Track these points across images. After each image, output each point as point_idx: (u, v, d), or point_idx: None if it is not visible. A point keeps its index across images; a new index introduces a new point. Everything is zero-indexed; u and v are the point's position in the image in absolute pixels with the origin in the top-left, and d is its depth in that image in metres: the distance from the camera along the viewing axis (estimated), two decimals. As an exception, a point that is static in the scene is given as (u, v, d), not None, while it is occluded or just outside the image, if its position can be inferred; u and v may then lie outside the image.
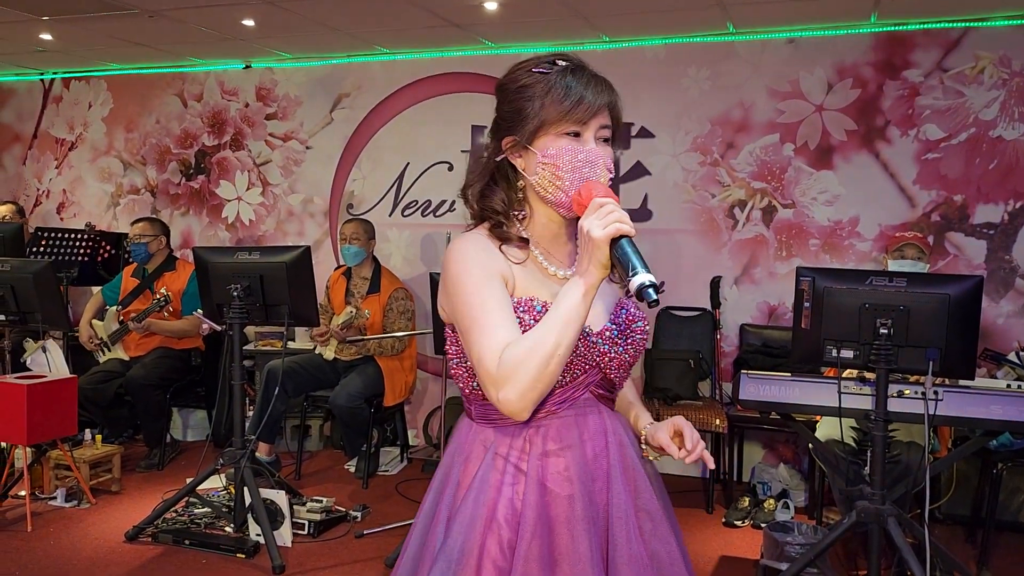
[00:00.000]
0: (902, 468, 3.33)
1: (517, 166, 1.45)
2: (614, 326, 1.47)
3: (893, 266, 3.74)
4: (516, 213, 1.46)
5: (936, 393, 2.92)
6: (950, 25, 4.29)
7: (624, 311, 1.50)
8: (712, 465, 1.55)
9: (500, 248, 1.44)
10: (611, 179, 1.42)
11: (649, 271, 1.22)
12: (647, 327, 1.52)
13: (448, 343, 1.50)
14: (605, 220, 1.26)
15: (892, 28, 4.39)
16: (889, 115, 4.43)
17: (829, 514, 3.97)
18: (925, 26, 4.33)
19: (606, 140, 1.43)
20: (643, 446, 1.51)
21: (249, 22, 4.61)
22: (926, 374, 2.84)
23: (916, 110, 4.38)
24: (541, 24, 4.53)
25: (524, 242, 1.45)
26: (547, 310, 1.34)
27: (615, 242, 1.26)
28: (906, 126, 4.40)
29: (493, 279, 1.38)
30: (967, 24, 4.27)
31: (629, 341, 1.48)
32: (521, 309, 1.38)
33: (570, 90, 1.38)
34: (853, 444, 3.48)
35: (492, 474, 1.41)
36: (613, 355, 1.45)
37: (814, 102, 4.55)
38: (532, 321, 1.36)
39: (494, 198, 1.47)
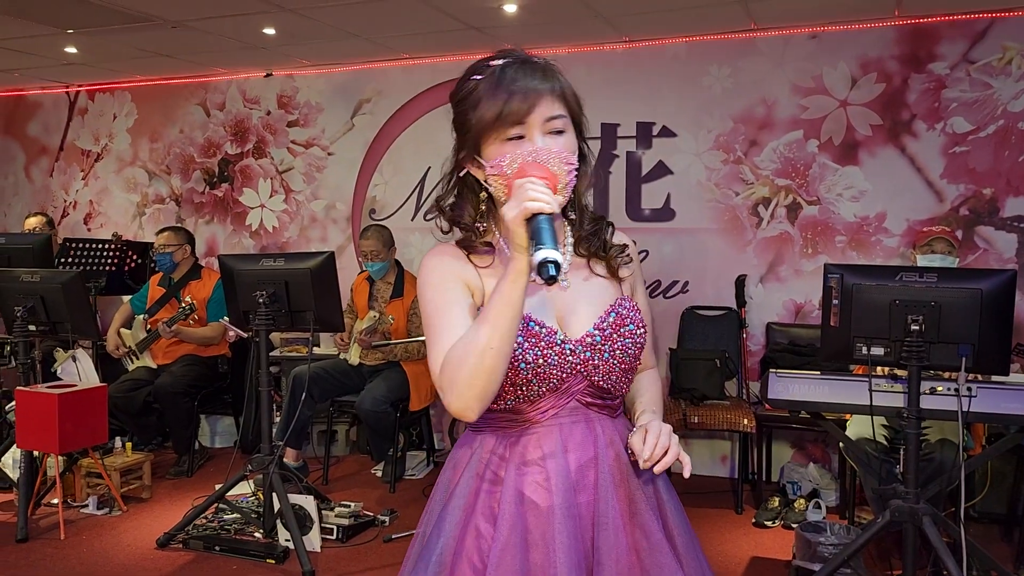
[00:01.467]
0: (935, 466, 3.28)
1: (478, 177, 1.39)
2: (597, 332, 1.39)
3: (922, 261, 3.69)
4: (482, 225, 1.41)
5: (970, 390, 2.87)
6: (976, 16, 4.23)
7: (614, 314, 1.41)
8: (688, 474, 1.36)
9: (468, 257, 1.41)
10: (574, 169, 1.32)
11: (556, 248, 1.16)
12: (641, 330, 1.43)
13: None
14: (518, 199, 1.19)
15: (916, 20, 4.33)
16: (915, 109, 4.38)
17: (861, 513, 3.92)
18: (950, 17, 4.27)
19: (558, 132, 1.32)
20: (628, 450, 1.40)
21: (270, 30, 4.65)
22: (959, 371, 2.80)
23: (942, 103, 4.32)
24: (561, 25, 4.52)
25: (488, 246, 1.41)
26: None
27: (531, 221, 1.19)
28: (932, 119, 4.35)
29: (451, 283, 1.37)
30: (993, 15, 4.21)
31: (617, 346, 1.39)
32: None
33: (498, 90, 1.30)
34: (885, 443, 3.44)
35: (473, 480, 1.39)
36: (597, 362, 1.38)
37: (838, 97, 4.50)
38: None
39: (463, 212, 1.43)
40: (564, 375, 1.37)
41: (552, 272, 1.14)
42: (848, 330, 2.95)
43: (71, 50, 5.16)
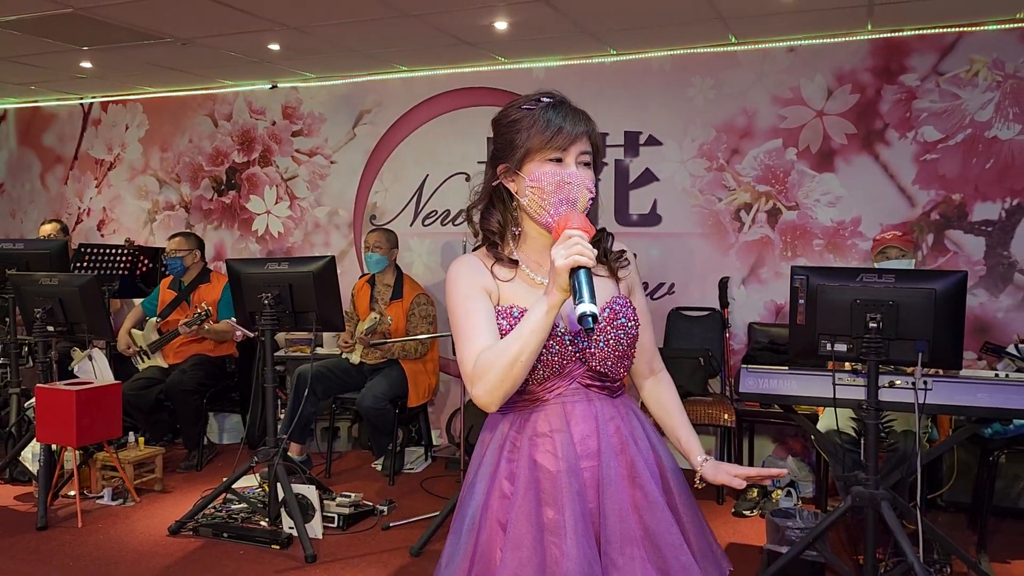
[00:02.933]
0: (899, 456, 3.49)
1: (511, 189, 1.67)
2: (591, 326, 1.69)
3: (881, 267, 3.90)
4: (512, 231, 1.70)
5: (925, 383, 3.08)
6: (944, 30, 4.45)
7: (608, 310, 1.67)
8: (783, 472, 1.73)
9: (491, 268, 1.68)
10: (592, 198, 1.62)
11: (593, 302, 1.41)
12: (633, 324, 1.69)
13: None
14: (568, 251, 1.44)
15: (888, 34, 4.55)
16: (887, 118, 4.59)
17: (833, 502, 4.13)
18: (920, 31, 4.49)
19: (587, 164, 1.64)
20: (697, 481, 1.71)
21: (275, 46, 4.89)
22: (915, 365, 3.00)
23: (913, 113, 4.54)
24: (550, 41, 4.75)
25: (513, 263, 1.69)
26: (523, 316, 1.58)
27: (575, 271, 1.44)
28: (904, 128, 4.56)
29: (477, 294, 1.64)
30: (961, 29, 4.42)
31: (610, 336, 1.66)
32: (501, 316, 1.64)
33: (551, 122, 1.61)
34: (852, 434, 3.65)
35: (496, 451, 1.69)
36: (594, 350, 1.65)
37: (815, 108, 4.72)
38: (509, 325, 1.61)
39: (491, 219, 1.72)
40: (564, 361, 1.65)
41: (591, 324, 1.41)
42: (814, 328, 3.15)
43: (86, 65, 5.41)
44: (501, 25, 4.38)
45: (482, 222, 1.74)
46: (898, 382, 3.17)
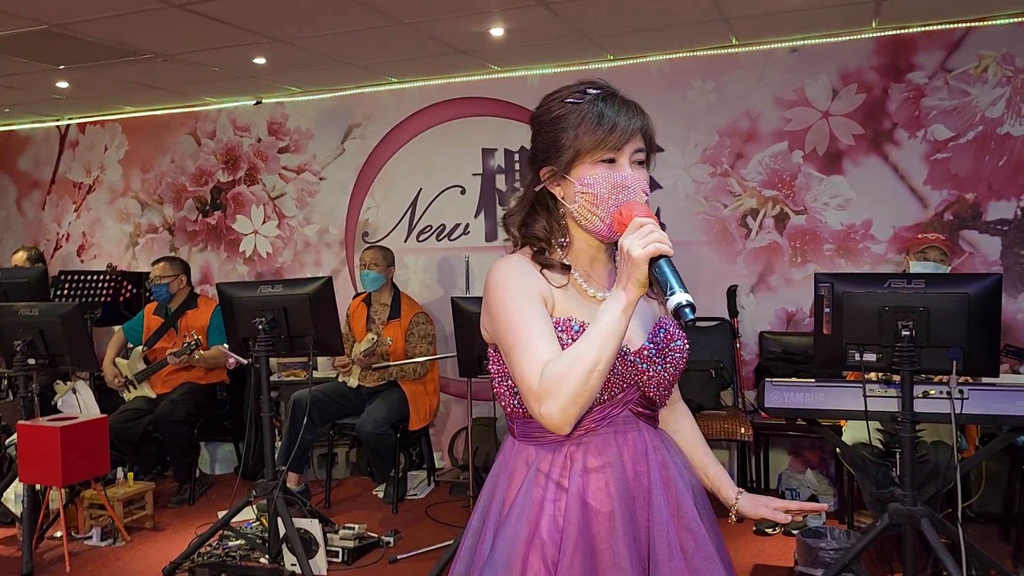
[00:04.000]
0: (931, 468, 3.34)
1: (556, 195, 1.49)
2: (652, 345, 1.50)
3: (915, 267, 3.76)
4: (558, 240, 1.51)
5: (961, 392, 2.94)
6: (952, 26, 4.34)
7: (663, 331, 1.52)
8: (825, 507, 1.64)
9: (541, 271, 1.48)
10: (647, 200, 1.45)
11: (686, 291, 1.26)
12: (687, 346, 1.54)
13: (491, 363, 1.55)
14: (645, 239, 1.28)
15: (894, 31, 4.43)
16: (896, 117, 4.47)
17: (860, 517, 3.98)
18: (927, 28, 4.38)
19: (641, 163, 1.47)
20: (732, 516, 1.60)
21: (260, 60, 4.71)
22: (950, 374, 2.86)
23: (922, 111, 4.42)
24: (546, 46, 4.60)
25: (566, 268, 1.49)
26: (584, 330, 1.38)
27: (654, 262, 1.28)
28: (913, 128, 4.44)
29: (533, 298, 1.43)
30: (968, 24, 4.31)
31: (668, 360, 1.50)
32: (559, 329, 1.42)
33: (603, 118, 1.42)
34: (880, 446, 3.50)
35: (535, 490, 1.45)
36: (652, 374, 1.48)
37: (820, 109, 4.60)
38: (570, 340, 1.40)
39: (536, 226, 1.52)
40: (624, 384, 1.46)
41: (690, 316, 1.24)
42: (840, 337, 3.00)
43: (62, 84, 5.21)
44: (497, 32, 4.23)
45: (524, 229, 1.53)
46: (932, 392, 3.03)
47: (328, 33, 4.21)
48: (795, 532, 3.62)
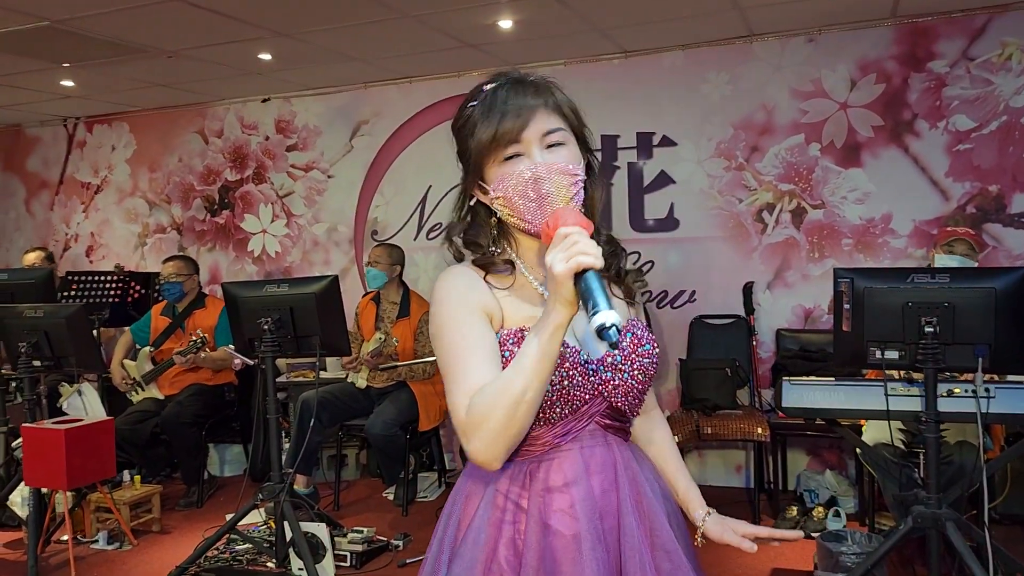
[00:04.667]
0: (955, 469, 3.23)
1: (487, 203, 1.37)
2: (618, 352, 1.38)
3: (942, 261, 3.65)
4: (496, 249, 1.39)
5: (987, 390, 2.83)
6: (973, 13, 4.21)
7: (629, 335, 1.40)
8: (799, 535, 1.53)
9: (485, 278, 1.36)
10: (579, 179, 1.30)
11: (612, 308, 1.11)
12: (657, 350, 1.42)
13: None
14: (567, 253, 1.14)
15: (914, 20, 4.31)
16: (916, 108, 4.35)
17: (881, 519, 3.86)
18: (948, 15, 4.25)
19: (558, 144, 1.30)
20: (699, 538, 1.47)
21: (266, 56, 4.65)
22: (976, 372, 2.75)
23: (944, 101, 4.30)
24: (557, 40, 4.51)
25: (509, 265, 1.38)
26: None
27: (580, 275, 1.15)
28: (934, 118, 4.32)
29: (473, 315, 1.31)
30: (991, 10, 4.18)
31: (636, 367, 1.38)
32: (511, 341, 1.31)
33: (491, 112, 1.29)
34: (902, 447, 3.39)
35: (492, 512, 1.34)
36: (617, 382, 1.36)
37: (838, 100, 4.48)
38: None
39: (477, 233, 1.40)
40: (587, 396, 1.34)
41: (615, 337, 1.10)
42: (861, 334, 2.90)
43: (67, 83, 5.16)
44: (506, 24, 4.14)
45: (466, 237, 1.40)
46: (957, 390, 2.92)
47: (332, 27, 4.13)
48: (815, 535, 3.52)
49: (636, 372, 1.38)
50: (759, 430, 4.11)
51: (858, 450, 3.52)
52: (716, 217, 4.73)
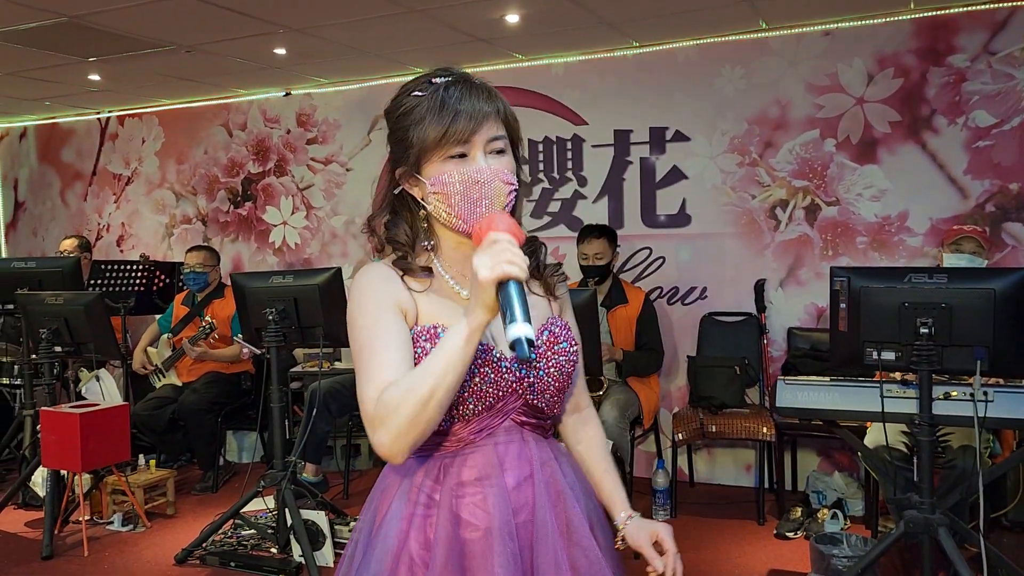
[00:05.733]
0: (957, 474, 3.16)
1: (415, 195, 1.37)
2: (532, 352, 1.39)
3: (949, 260, 3.57)
4: (423, 244, 1.40)
5: (986, 394, 2.76)
6: (995, 5, 4.09)
7: (547, 332, 1.41)
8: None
9: (403, 278, 1.38)
10: (514, 189, 1.33)
11: (528, 322, 1.13)
12: (575, 348, 1.43)
13: None
14: (495, 260, 1.15)
15: (933, 12, 4.20)
16: (935, 103, 4.24)
17: (885, 523, 3.79)
18: (968, 8, 4.14)
19: (500, 151, 1.34)
20: (619, 541, 1.45)
21: (281, 51, 4.71)
22: (974, 374, 2.69)
23: (963, 96, 4.18)
24: (566, 33, 4.49)
25: (427, 271, 1.39)
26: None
27: (503, 285, 1.16)
28: (953, 114, 4.21)
29: (387, 312, 1.33)
30: (1014, 3, 4.06)
31: (551, 364, 1.39)
32: (423, 338, 1.33)
33: (444, 108, 1.30)
34: (905, 450, 3.33)
35: (405, 506, 1.36)
36: (532, 380, 1.37)
37: (854, 95, 4.39)
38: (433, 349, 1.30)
39: (398, 230, 1.41)
40: (500, 393, 1.35)
41: (527, 353, 1.12)
42: (857, 335, 2.86)
43: (95, 77, 5.30)
44: (513, 18, 4.13)
45: (387, 233, 1.41)
46: (954, 393, 2.85)
47: (343, 22, 4.18)
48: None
49: (552, 369, 1.39)
50: (764, 430, 4.07)
51: (859, 453, 3.46)
52: (729, 213, 4.67)
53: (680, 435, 4.18)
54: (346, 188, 5.71)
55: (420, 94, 1.33)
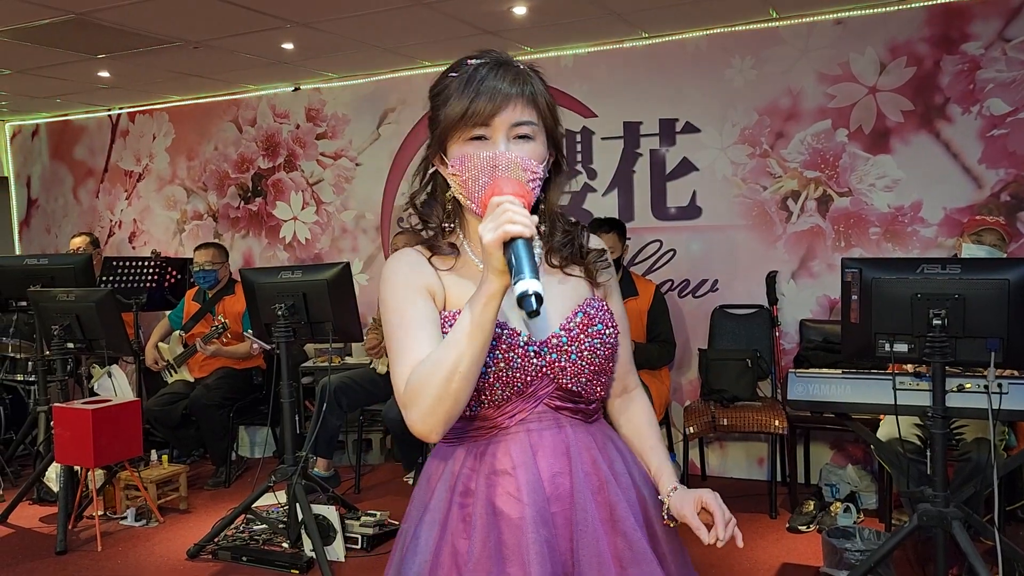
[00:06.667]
0: (972, 467, 3.12)
1: (443, 174, 1.36)
2: (563, 332, 1.36)
3: (969, 250, 3.52)
4: (448, 225, 1.40)
5: (1000, 386, 2.72)
6: (1010, -9, 4.03)
7: (581, 314, 1.38)
8: (741, 544, 1.33)
9: (430, 260, 1.38)
10: (538, 179, 1.30)
11: (536, 277, 1.11)
12: (610, 330, 1.40)
13: None
14: (496, 222, 1.14)
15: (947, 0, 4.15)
16: (948, 92, 4.19)
17: (899, 516, 3.76)
18: (983, -5, 4.08)
19: (524, 137, 1.30)
20: (664, 515, 1.39)
21: (288, 45, 4.71)
22: (987, 366, 2.65)
23: (978, 85, 4.12)
24: (574, 25, 4.46)
25: (452, 248, 1.39)
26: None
27: (510, 245, 1.14)
28: (968, 102, 4.15)
29: (416, 296, 1.34)
30: (1029, -11, 4.00)
31: (584, 347, 1.36)
32: (450, 323, 1.32)
33: (468, 88, 1.28)
34: (918, 443, 3.29)
35: (446, 493, 1.36)
36: (564, 363, 1.35)
37: (866, 84, 4.34)
38: None
39: (431, 212, 1.41)
40: (529, 378, 1.34)
41: (534, 306, 1.10)
42: (869, 326, 2.83)
43: (104, 74, 5.31)
44: (520, 10, 4.11)
45: (422, 211, 1.42)
46: (968, 385, 2.82)
47: (349, 16, 4.16)
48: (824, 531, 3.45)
49: (584, 352, 1.36)
50: (776, 423, 4.04)
51: (871, 446, 3.43)
52: (740, 205, 4.63)
53: (691, 428, 4.15)
54: (356, 183, 5.70)
55: (454, 74, 1.32)
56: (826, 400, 3.01)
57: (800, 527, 3.85)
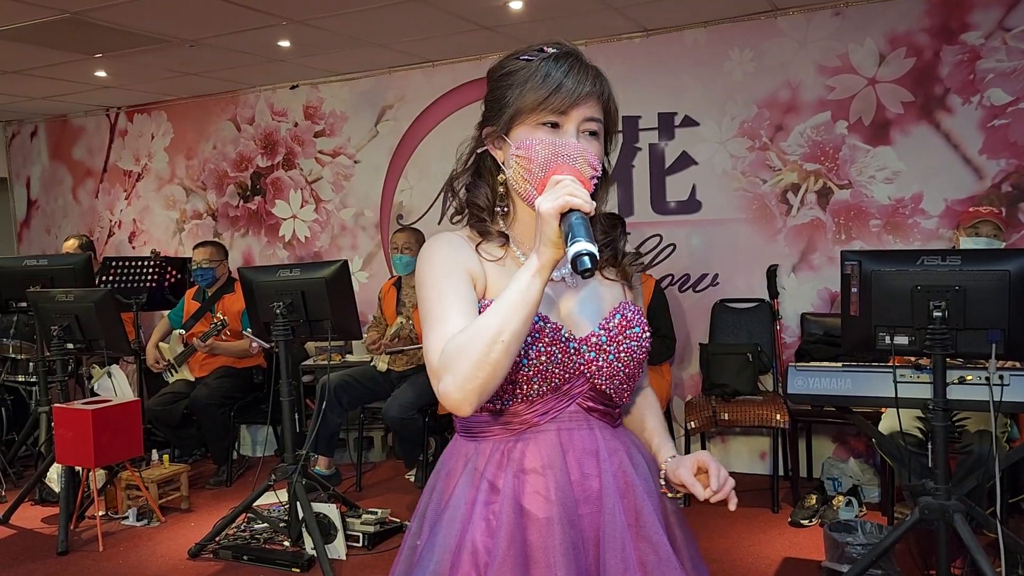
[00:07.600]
0: (974, 459, 3.11)
1: (496, 158, 1.37)
2: (603, 332, 1.36)
3: (966, 243, 3.51)
4: (499, 209, 1.39)
5: (1001, 378, 2.71)
6: (1010, -20, 4.00)
7: (619, 315, 1.38)
8: (734, 507, 1.31)
9: (477, 248, 1.37)
10: (597, 176, 1.30)
11: (593, 243, 1.12)
12: (647, 334, 1.40)
13: None
14: (556, 194, 1.17)
15: (946, -10, 4.12)
16: (948, 82, 4.16)
17: (901, 509, 3.74)
18: (982, -16, 4.06)
19: (593, 134, 1.33)
20: (662, 482, 1.38)
21: (285, 43, 4.69)
22: (988, 358, 2.64)
23: (978, 75, 4.10)
24: (573, 19, 4.44)
25: (503, 237, 1.38)
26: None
27: (566, 216, 1.16)
28: (968, 93, 4.13)
29: (456, 273, 1.32)
30: (1029, -22, 3.97)
31: (622, 349, 1.36)
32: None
33: (549, 77, 1.29)
34: (920, 436, 3.28)
35: (469, 491, 1.33)
36: (601, 363, 1.34)
37: (866, 75, 4.31)
38: None
39: (479, 192, 1.40)
40: (567, 375, 1.33)
41: (588, 264, 1.11)
42: (869, 319, 2.81)
43: (101, 74, 5.30)
44: (516, 5, 4.09)
45: (468, 196, 1.41)
46: (969, 377, 2.80)
47: (345, 12, 4.15)
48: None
49: (623, 354, 1.36)
50: (778, 417, 4.02)
51: (873, 439, 3.41)
52: (739, 199, 4.61)
53: (693, 423, 4.14)
54: (354, 180, 5.69)
55: (529, 59, 1.33)
56: (827, 394, 2.99)
57: (802, 521, 3.84)
